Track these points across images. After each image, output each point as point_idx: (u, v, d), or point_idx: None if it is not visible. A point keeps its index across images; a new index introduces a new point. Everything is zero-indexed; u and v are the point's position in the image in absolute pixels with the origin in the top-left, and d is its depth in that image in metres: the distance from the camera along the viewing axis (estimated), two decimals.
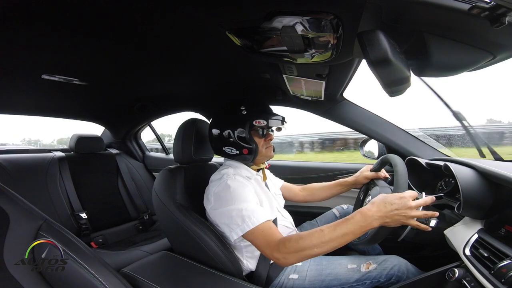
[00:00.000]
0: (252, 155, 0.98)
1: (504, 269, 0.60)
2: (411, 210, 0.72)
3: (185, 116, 2.06)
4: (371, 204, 0.75)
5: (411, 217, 0.73)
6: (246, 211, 0.84)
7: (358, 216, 0.73)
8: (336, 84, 1.13)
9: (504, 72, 1.22)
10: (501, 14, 0.41)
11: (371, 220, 0.72)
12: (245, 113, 0.98)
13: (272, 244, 0.79)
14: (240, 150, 0.99)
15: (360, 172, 1.17)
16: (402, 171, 0.86)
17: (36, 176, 1.63)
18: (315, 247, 0.73)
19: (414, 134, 1.31)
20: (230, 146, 1.01)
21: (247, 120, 0.97)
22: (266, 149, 1.04)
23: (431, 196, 0.76)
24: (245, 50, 0.77)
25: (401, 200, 0.73)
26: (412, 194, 0.75)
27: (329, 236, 0.73)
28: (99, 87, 1.34)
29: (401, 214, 0.72)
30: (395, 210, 0.72)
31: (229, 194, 0.89)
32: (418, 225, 0.75)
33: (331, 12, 0.56)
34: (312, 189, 1.32)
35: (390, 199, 0.74)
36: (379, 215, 0.72)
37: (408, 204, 0.72)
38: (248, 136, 0.97)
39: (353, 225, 0.73)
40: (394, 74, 0.55)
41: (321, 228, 0.75)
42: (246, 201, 0.87)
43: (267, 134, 1.03)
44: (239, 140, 0.99)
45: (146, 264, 0.98)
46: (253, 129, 1.00)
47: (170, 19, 0.69)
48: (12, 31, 0.72)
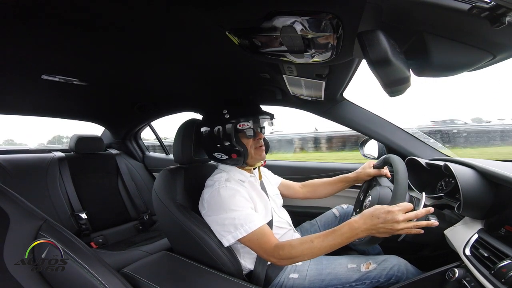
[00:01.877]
0: (241, 158, 0.98)
1: (504, 269, 0.60)
2: (398, 224, 0.73)
3: (185, 116, 2.06)
4: (359, 216, 0.78)
5: (397, 230, 0.74)
6: (239, 219, 0.86)
7: (345, 228, 0.77)
8: (336, 84, 1.13)
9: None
10: (501, 14, 0.41)
11: (357, 232, 0.76)
12: (227, 117, 0.97)
13: (267, 250, 0.84)
14: (229, 155, 0.99)
15: (362, 169, 1.14)
16: (402, 179, 0.83)
17: (36, 176, 1.63)
18: (305, 256, 0.80)
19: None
20: (219, 152, 1.01)
21: (231, 123, 0.96)
22: (256, 150, 1.02)
23: (426, 209, 0.76)
24: (245, 50, 0.77)
25: (388, 214, 0.73)
26: (404, 207, 0.75)
27: (318, 247, 0.78)
28: (99, 87, 1.34)
29: (387, 227, 0.74)
30: (380, 223, 0.74)
31: (221, 203, 0.90)
32: (408, 232, 0.76)
33: (331, 12, 0.56)
34: (313, 185, 1.30)
35: (377, 213, 0.75)
36: (365, 227, 0.75)
37: (395, 218, 0.73)
38: (234, 140, 0.96)
39: (340, 237, 0.77)
40: (394, 74, 0.55)
41: (311, 238, 0.80)
42: (238, 209, 0.88)
43: (256, 133, 1.02)
44: (226, 146, 0.98)
45: (146, 264, 0.98)
46: (239, 131, 0.99)
47: (170, 19, 0.69)
48: (12, 31, 0.72)
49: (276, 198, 1.17)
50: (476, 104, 9.24)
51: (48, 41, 0.80)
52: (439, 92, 3.74)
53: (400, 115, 4.27)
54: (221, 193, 0.91)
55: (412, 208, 0.76)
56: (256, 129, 1.03)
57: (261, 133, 1.05)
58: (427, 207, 0.77)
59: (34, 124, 4.53)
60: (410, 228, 0.74)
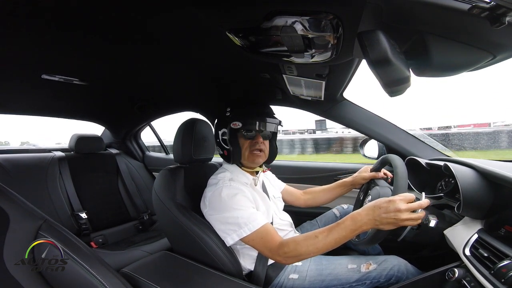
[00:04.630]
0: (230, 157, 0.99)
1: (504, 269, 0.60)
2: (401, 213, 0.71)
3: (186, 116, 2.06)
4: (362, 209, 0.77)
5: (403, 220, 0.72)
6: (242, 218, 0.86)
7: (348, 221, 0.76)
8: (336, 84, 1.13)
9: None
10: (501, 14, 0.41)
11: (360, 224, 0.74)
12: (228, 114, 1.00)
13: (272, 248, 0.83)
14: (223, 151, 1.03)
15: (358, 173, 1.17)
16: (402, 172, 0.85)
17: (36, 176, 1.63)
18: (311, 252, 0.78)
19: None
20: (218, 145, 1.07)
21: (229, 121, 0.98)
22: (250, 154, 1.00)
23: (426, 200, 0.75)
24: (245, 50, 0.77)
25: (389, 203, 0.72)
26: (406, 197, 0.74)
27: (323, 242, 0.76)
28: (99, 87, 1.34)
29: (391, 217, 0.72)
30: (383, 213, 0.72)
31: (224, 202, 0.89)
32: (412, 223, 0.74)
33: (331, 12, 0.56)
34: (313, 192, 1.31)
35: (379, 203, 0.74)
36: (368, 219, 0.74)
37: (398, 207, 0.71)
38: (228, 137, 0.98)
39: (344, 230, 0.75)
40: (394, 74, 0.55)
41: (315, 234, 0.78)
42: (241, 208, 0.88)
43: (256, 136, 1.00)
44: (222, 141, 1.03)
45: (146, 264, 0.98)
46: (236, 130, 0.99)
47: (170, 19, 0.69)
48: (12, 31, 0.72)
49: (277, 201, 1.17)
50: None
51: (48, 41, 0.80)
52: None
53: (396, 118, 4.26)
54: (224, 191, 0.91)
55: (414, 199, 0.75)
56: (257, 131, 1.00)
57: (260, 136, 1.00)
58: (427, 200, 0.75)
59: (51, 125, 4.54)
60: (414, 219, 0.73)
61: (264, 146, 1.03)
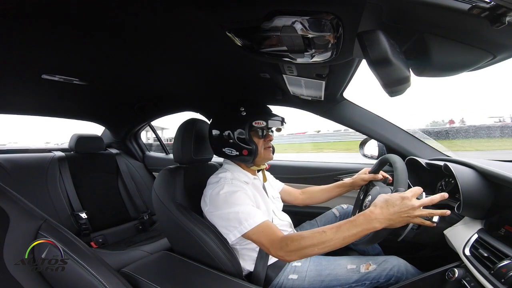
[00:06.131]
0: (252, 156, 0.98)
1: (504, 269, 0.60)
2: (414, 210, 0.71)
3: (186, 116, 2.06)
4: (373, 206, 0.75)
5: (415, 216, 0.72)
6: (243, 213, 0.85)
7: (361, 219, 0.73)
8: (336, 84, 1.13)
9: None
10: (501, 14, 0.41)
11: (374, 223, 0.72)
12: (244, 114, 0.98)
13: (274, 243, 0.80)
14: (240, 151, 0.99)
15: (357, 174, 1.18)
16: (401, 167, 0.86)
17: (36, 176, 1.63)
18: (316, 248, 0.74)
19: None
20: (230, 147, 1.01)
21: (247, 121, 0.97)
22: (265, 150, 1.03)
23: (440, 194, 0.74)
24: (245, 50, 0.77)
25: (404, 201, 0.72)
26: (415, 192, 0.74)
27: (331, 237, 0.73)
28: (99, 87, 1.34)
29: (405, 215, 0.71)
30: (398, 212, 0.71)
31: (226, 198, 0.89)
32: (422, 222, 0.75)
33: (331, 12, 0.56)
34: (311, 191, 1.32)
35: (392, 201, 0.73)
36: (383, 217, 0.72)
37: (411, 204, 0.71)
38: (247, 137, 0.97)
39: (356, 228, 0.72)
40: (394, 74, 0.55)
41: (323, 229, 0.75)
42: (242, 204, 0.88)
43: (266, 135, 1.04)
44: (238, 141, 0.99)
45: (146, 264, 0.98)
46: (253, 130, 1.00)
47: (170, 19, 0.69)
48: (12, 31, 0.72)
49: (277, 201, 1.17)
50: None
51: (48, 41, 0.80)
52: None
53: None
54: (226, 188, 0.91)
55: (421, 192, 0.75)
56: (267, 130, 1.05)
57: (271, 135, 1.06)
58: (443, 193, 0.74)
59: (39, 124, 4.55)
60: (425, 215, 0.73)
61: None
